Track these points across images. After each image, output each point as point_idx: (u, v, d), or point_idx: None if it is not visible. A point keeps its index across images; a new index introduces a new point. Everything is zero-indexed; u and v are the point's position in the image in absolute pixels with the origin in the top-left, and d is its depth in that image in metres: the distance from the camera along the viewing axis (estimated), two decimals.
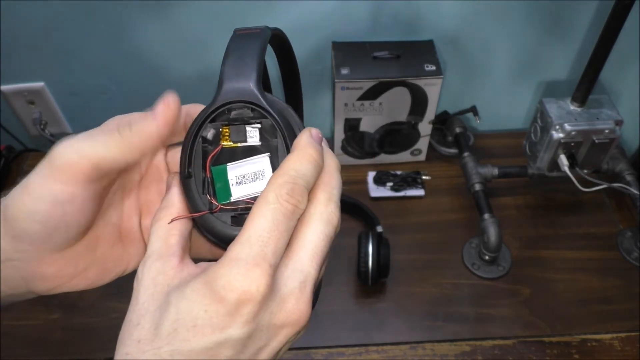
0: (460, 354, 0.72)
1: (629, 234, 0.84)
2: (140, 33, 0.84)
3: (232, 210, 0.31)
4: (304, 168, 0.29)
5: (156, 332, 0.27)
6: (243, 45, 0.31)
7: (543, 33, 0.86)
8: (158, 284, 0.28)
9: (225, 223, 0.31)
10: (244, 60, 0.30)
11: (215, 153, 0.31)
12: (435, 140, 0.96)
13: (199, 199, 0.31)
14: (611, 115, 0.76)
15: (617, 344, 0.73)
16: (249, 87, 0.30)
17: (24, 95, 0.92)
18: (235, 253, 0.27)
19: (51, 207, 0.29)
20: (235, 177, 0.31)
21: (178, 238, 0.31)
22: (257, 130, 0.31)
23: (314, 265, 0.29)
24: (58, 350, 0.73)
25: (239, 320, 0.26)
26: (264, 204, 0.28)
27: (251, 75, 0.30)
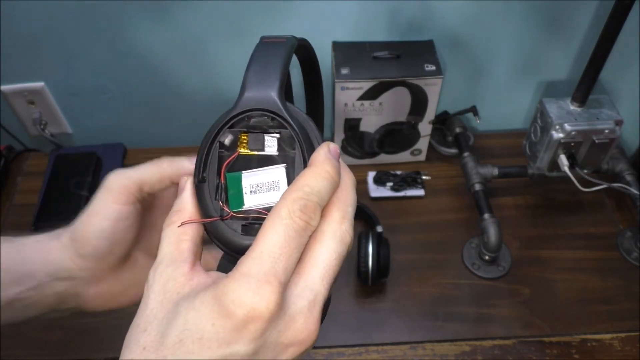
0: (460, 354, 0.72)
1: (629, 234, 0.84)
2: (141, 33, 0.84)
3: (244, 219, 0.30)
4: (319, 185, 0.29)
5: (162, 340, 0.27)
6: (268, 54, 0.31)
7: (543, 33, 0.86)
8: (168, 291, 0.29)
9: (235, 231, 0.30)
10: (267, 69, 0.30)
11: (231, 160, 0.31)
12: (435, 140, 0.96)
13: (210, 204, 0.31)
14: (611, 115, 0.76)
15: (617, 344, 0.73)
16: (271, 96, 0.30)
17: (24, 95, 0.92)
18: (246, 268, 0.27)
19: (115, 223, 0.36)
20: (249, 185, 0.31)
21: (190, 244, 0.31)
22: (275, 140, 0.31)
23: (324, 284, 0.29)
24: (58, 350, 0.73)
25: (246, 337, 0.26)
26: (276, 219, 0.28)
27: (274, 84, 0.30)
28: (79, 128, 0.99)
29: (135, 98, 0.94)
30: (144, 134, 1.00)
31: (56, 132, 0.98)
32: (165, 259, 0.30)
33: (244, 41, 0.85)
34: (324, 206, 0.29)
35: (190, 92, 0.93)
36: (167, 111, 0.97)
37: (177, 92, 0.93)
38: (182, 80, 0.91)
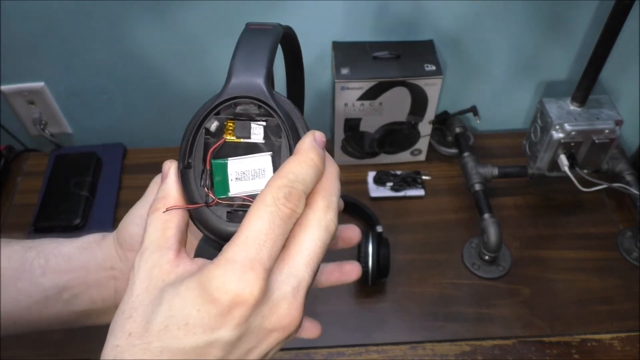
0: (460, 354, 0.72)
1: (629, 234, 0.84)
2: (141, 33, 0.84)
3: (229, 205, 0.30)
4: (304, 172, 0.29)
5: (147, 326, 0.27)
6: (255, 41, 0.31)
7: (543, 33, 0.86)
8: (153, 278, 0.29)
9: (220, 218, 0.30)
10: (254, 56, 0.30)
11: (217, 146, 0.31)
12: (435, 140, 0.96)
13: (196, 190, 0.31)
14: (611, 115, 0.76)
15: (617, 344, 0.73)
16: (258, 83, 0.30)
17: (24, 95, 0.92)
18: (231, 254, 0.27)
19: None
20: (235, 172, 0.31)
21: (175, 230, 0.31)
22: (261, 128, 0.31)
23: (308, 271, 0.29)
24: (58, 350, 0.73)
25: (231, 323, 0.27)
26: (261, 206, 0.28)
27: (261, 72, 0.30)
28: (79, 128, 0.99)
29: (135, 98, 0.94)
30: (144, 134, 1.00)
31: (56, 132, 0.98)
32: (151, 246, 0.30)
33: None
34: (308, 194, 0.29)
35: (190, 92, 0.93)
36: (167, 111, 0.97)
37: (177, 92, 0.93)
38: (182, 80, 0.91)
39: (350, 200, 0.85)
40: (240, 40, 0.31)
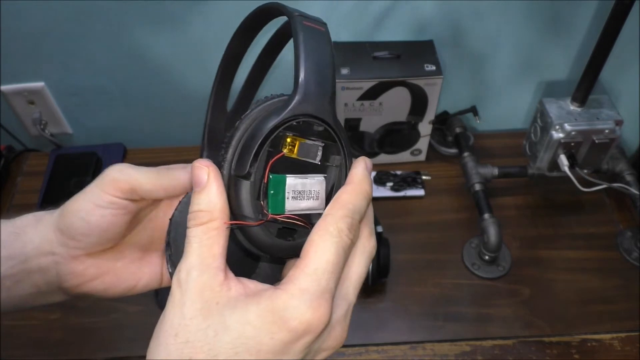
0: (460, 354, 0.72)
1: (629, 234, 0.84)
2: (140, 33, 0.84)
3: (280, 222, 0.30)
4: (360, 203, 0.30)
5: (212, 352, 0.27)
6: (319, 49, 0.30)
7: (543, 33, 0.86)
8: (206, 300, 0.29)
9: (271, 234, 0.30)
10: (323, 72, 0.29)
11: (276, 159, 0.29)
12: (435, 140, 0.96)
13: (249, 203, 0.29)
14: (611, 115, 0.76)
15: (617, 344, 0.73)
16: (326, 103, 0.29)
17: (24, 95, 0.92)
18: (305, 285, 0.28)
19: (93, 207, 0.36)
20: (292, 190, 0.30)
21: (222, 249, 0.30)
22: (321, 150, 0.31)
23: (355, 294, 0.31)
24: (58, 350, 0.73)
25: (299, 348, 0.28)
26: (327, 236, 0.29)
27: (329, 89, 0.29)
28: (79, 128, 0.99)
29: (135, 98, 0.94)
30: (144, 134, 1.00)
31: (56, 132, 0.98)
32: (200, 266, 0.29)
33: None
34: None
35: (190, 91, 0.93)
36: (167, 111, 0.97)
37: (177, 92, 0.93)
38: (182, 80, 0.91)
39: None
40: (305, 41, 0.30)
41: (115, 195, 0.36)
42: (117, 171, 0.36)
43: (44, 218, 0.39)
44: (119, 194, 0.36)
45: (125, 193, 0.36)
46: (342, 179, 0.31)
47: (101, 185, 0.36)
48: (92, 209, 0.36)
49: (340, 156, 0.31)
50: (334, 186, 0.31)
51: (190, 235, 0.30)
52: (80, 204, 0.37)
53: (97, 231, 0.37)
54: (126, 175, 0.36)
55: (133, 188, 0.36)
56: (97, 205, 0.36)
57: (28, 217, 0.40)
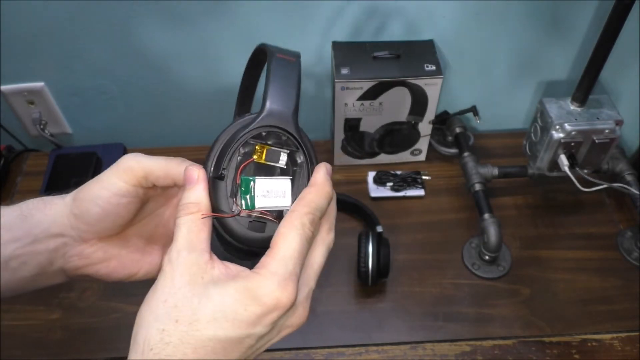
0: (460, 354, 0.72)
1: (629, 234, 0.84)
2: (141, 33, 0.84)
3: (249, 216, 0.36)
4: (322, 203, 0.36)
5: (195, 316, 0.32)
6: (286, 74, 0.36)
7: (543, 33, 0.86)
8: (193, 274, 0.34)
9: (243, 227, 0.36)
10: (287, 90, 0.36)
11: (246, 164, 0.36)
12: (435, 140, 0.96)
13: (226, 200, 0.36)
14: (611, 115, 0.76)
15: (618, 344, 0.73)
16: (289, 116, 0.36)
17: (24, 95, 0.92)
18: (274, 268, 0.34)
19: (111, 195, 0.39)
20: (261, 190, 0.36)
21: (207, 235, 0.36)
22: (286, 155, 0.37)
23: (315, 280, 0.37)
24: (58, 350, 0.73)
25: (267, 321, 0.33)
26: (293, 229, 0.34)
27: (292, 106, 0.36)
28: (79, 128, 0.99)
29: (135, 98, 0.94)
30: (144, 134, 1.00)
31: (56, 132, 0.98)
32: (187, 247, 0.35)
33: (245, 41, 0.85)
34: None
35: (191, 91, 0.93)
36: (167, 111, 0.97)
37: (177, 92, 0.93)
38: (182, 80, 0.91)
39: (350, 200, 0.85)
40: (274, 70, 0.36)
41: (131, 183, 0.39)
42: (131, 160, 0.39)
43: (54, 202, 0.41)
44: (135, 182, 0.39)
45: (140, 180, 0.39)
46: (306, 180, 0.36)
47: (118, 174, 0.39)
48: (110, 196, 0.39)
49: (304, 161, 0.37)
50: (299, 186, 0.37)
51: (180, 223, 0.36)
52: (98, 191, 0.39)
53: (112, 217, 0.40)
54: (141, 163, 0.39)
55: (146, 175, 0.39)
56: (115, 194, 0.39)
57: (34, 201, 0.42)
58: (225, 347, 0.33)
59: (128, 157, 0.40)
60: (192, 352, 0.32)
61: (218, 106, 0.90)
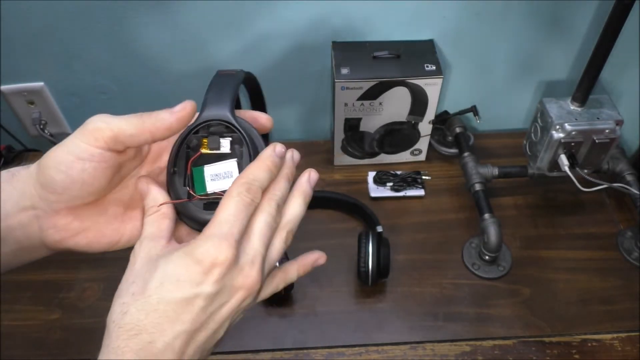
0: (460, 354, 0.72)
1: (629, 234, 0.84)
2: (140, 33, 0.84)
3: (206, 199, 0.40)
4: (261, 174, 0.39)
5: (146, 286, 0.35)
6: (223, 82, 0.41)
7: (543, 33, 0.86)
8: (150, 255, 0.38)
9: (200, 209, 0.40)
10: (222, 94, 0.40)
11: (195, 157, 0.40)
12: (435, 140, 0.96)
13: (180, 190, 0.40)
14: (611, 115, 0.76)
15: (618, 344, 0.73)
16: (225, 112, 0.40)
17: (23, 95, 0.92)
18: (210, 231, 0.36)
19: (74, 160, 0.37)
20: (210, 175, 0.40)
21: (167, 224, 0.40)
22: (228, 141, 0.41)
23: (261, 245, 0.38)
24: (58, 351, 0.73)
25: (211, 279, 0.35)
26: (229, 197, 0.37)
27: (227, 104, 0.40)
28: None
29: (135, 98, 0.94)
30: None
31: (56, 132, 0.98)
32: (149, 236, 0.39)
33: (245, 41, 0.85)
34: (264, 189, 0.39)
35: (191, 91, 0.92)
36: None
37: (177, 92, 0.93)
38: (182, 80, 0.91)
39: (350, 200, 0.85)
40: (212, 82, 0.42)
41: (97, 146, 0.37)
42: (98, 120, 0.37)
43: (20, 173, 0.40)
44: (102, 144, 0.37)
45: (108, 142, 0.37)
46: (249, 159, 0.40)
47: (82, 136, 0.37)
48: (73, 161, 0.37)
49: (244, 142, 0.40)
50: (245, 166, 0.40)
51: (145, 224, 0.40)
52: (60, 156, 0.37)
53: (79, 184, 0.38)
54: (108, 123, 0.37)
55: (116, 135, 0.37)
56: (79, 157, 0.37)
57: (4, 174, 0.40)
58: (175, 309, 0.35)
59: (95, 117, 0.38)
60: (145, 317, 0.34)
61: None
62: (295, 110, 0.97)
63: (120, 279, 0.38)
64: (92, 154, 0.37)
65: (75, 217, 0.40)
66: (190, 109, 0.39)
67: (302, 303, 0.77)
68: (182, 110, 0.39)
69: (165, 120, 0.39)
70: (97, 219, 0.41)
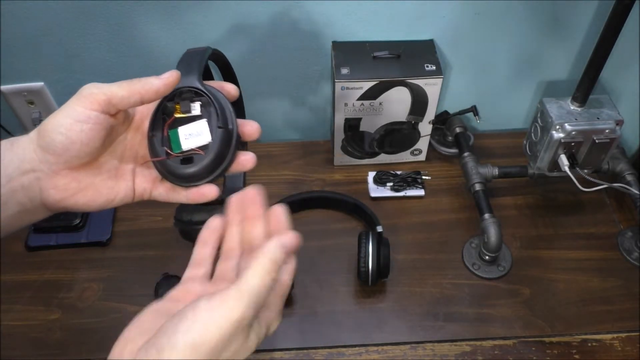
0: (461, 354, 0.72)
1: (629, 234, 0.84)
2: (140, 33, 0.84)
3: (182, 155, 0.44)
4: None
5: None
6: (191, 57, 0.47)
7: (543, 33, 0.86)
8: None
9: (177, 164, 0.44)
10: (190, 66, 0.46)
11: (170, 121, 0.45)
12: (435, 140, 0.96)
13: (160, 150, 0.44)
14: (611, 115, 0.76)
15: (618, 344, 0.73)
16: (194, 80, 0.44)
17: (23, 95, 0.92)
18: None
19: (73, 122, 0.41)
20: (184, 134, 0.44)
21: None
22: (198, 105, 0.45)
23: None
24: (58, 351, 0.73)
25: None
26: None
27: (195, 74, 0.45)
28: None
29: None
30: None
31: None
32: None
33: (244, 41, 0.85)
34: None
35: None
36: None
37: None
38: None
39: (350, 200, 0.85)
40: (181, 58, 0.47)
41: (92, 109, 0.41)
42: (92, 87, 0.42)
43: (20, 140, 0.43)
44: (96, 107, 0.41)
45: (102, 105, 0.41)
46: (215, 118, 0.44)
47: (78, 102, 0.41)
48: (72, 124, 0.41)
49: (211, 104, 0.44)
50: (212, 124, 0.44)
51: None
52: (60, 120, 0.41)
53: (77, 145, 0.42)
54: (101, 88, 0.42)
55: (109, 99, 0.42)
56: (77, 120, 0.41)
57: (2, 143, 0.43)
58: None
59: (88, 85, 0.42)
60: None
61: None
62: (295, 110, 0.97)
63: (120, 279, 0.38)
64: (89, 116, 0.41)
65: (73, 178, 0.43)
66: (175, 75, 0.43)
67: (302, 303, 0.77)
68: (170, 77, 0.43)
69: (154, 84, 0.43)
70: (92, 179, 0.44)
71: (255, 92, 0.92)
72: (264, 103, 0.95)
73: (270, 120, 0.98)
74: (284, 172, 0.93)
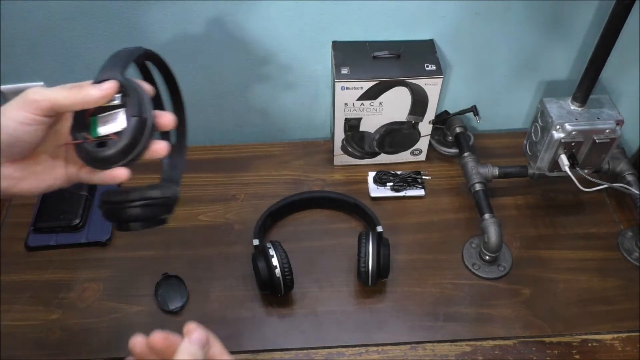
0: (461, 354, 0.72)
1: (629, 234, 0.84)
2: (140, 33, 0.84)
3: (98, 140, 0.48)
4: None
5: None
6: (119, 54, 0.51)
7: (543, 33, 0.86)
8: None
9: (94, 148, 0.47)
10: (115, 61, 0.50)
11: (92, 111, 0.48)
12: (435, 140, 0.96)
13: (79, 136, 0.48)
14: (612, 115, 0.76)
15: (618, 344, 0.73)
16: (116, 73, 0.48)
17: None
18: None
19: (18, 125, 0.45)
20: (101, 122, 0.48)
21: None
22: (119, 96, 0.48)
23: None
24: (58, 350, 0.73)
25: None
26: None
27: (117, 68, 0.49)
28: None
29: None
30: None
31: None
32: None
33: (244, 41, 0.85)
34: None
35: (190, 91, 0.93)
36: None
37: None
38: (182, 80, 0.91)
39: (350, 200, 0.85)
40: (111, 55, 0.50)
41: (36, 114, 0.45)
42: (36, 93, 0.46)
43: None
44: (40, 112, 0.45)
45: (45, 111, 0.46)
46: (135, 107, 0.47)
47: (24, 106, 0.45)
48: (18, 126, 0.45)
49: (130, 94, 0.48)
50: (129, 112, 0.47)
51: None
52: (5, 122, 0.45)
53: (21, 143, 0.46)
54: (45, 95, 0.45)
55: (52, 106, 0.46)
56: (22, 122, 0.45)
57: None
58: None
59: (31, 91, 0.46)
60: None
61: (217, 107, 0.90)
62: (296, 110, 0.97)
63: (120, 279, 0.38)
64: (34, 119, 0.46)
65: (17, 167, 0.48)
66: (114, 86, 0.47)
67: (302, 303, 0.77)
68: (109, 88, 0.46)
69: (94, 96, 0.46)
70: (34, 168, 0.49)
71: (255, 92, 0.92)
72: (264, 103, 0.95)
73: (270, 120, 0.98)
74: (284, 172, 0.93)
